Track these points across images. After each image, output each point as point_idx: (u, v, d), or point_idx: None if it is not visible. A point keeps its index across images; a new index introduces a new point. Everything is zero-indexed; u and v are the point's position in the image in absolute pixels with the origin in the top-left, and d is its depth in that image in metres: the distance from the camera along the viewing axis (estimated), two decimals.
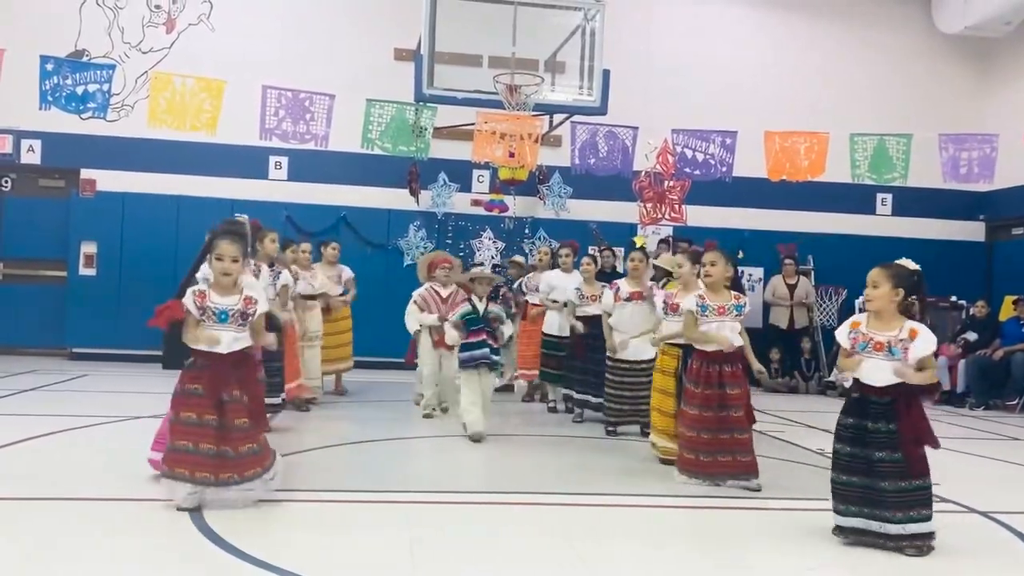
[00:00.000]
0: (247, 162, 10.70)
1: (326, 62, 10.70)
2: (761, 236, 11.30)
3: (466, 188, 11.16)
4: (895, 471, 3.72)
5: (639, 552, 3.75)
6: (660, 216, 9.46)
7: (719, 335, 4.85)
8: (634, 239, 7.19)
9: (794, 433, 7.14)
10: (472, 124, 8.61)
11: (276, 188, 10.83)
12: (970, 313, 10.69)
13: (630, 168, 9.28)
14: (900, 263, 3.94)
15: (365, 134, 8.69)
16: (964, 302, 11.19)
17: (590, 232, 10.68)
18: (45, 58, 8.13)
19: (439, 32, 8.68)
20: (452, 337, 6.27)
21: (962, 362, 9.90)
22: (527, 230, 11.18)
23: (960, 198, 11.90)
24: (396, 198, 10.86)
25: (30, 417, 6.31)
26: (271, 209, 9.98)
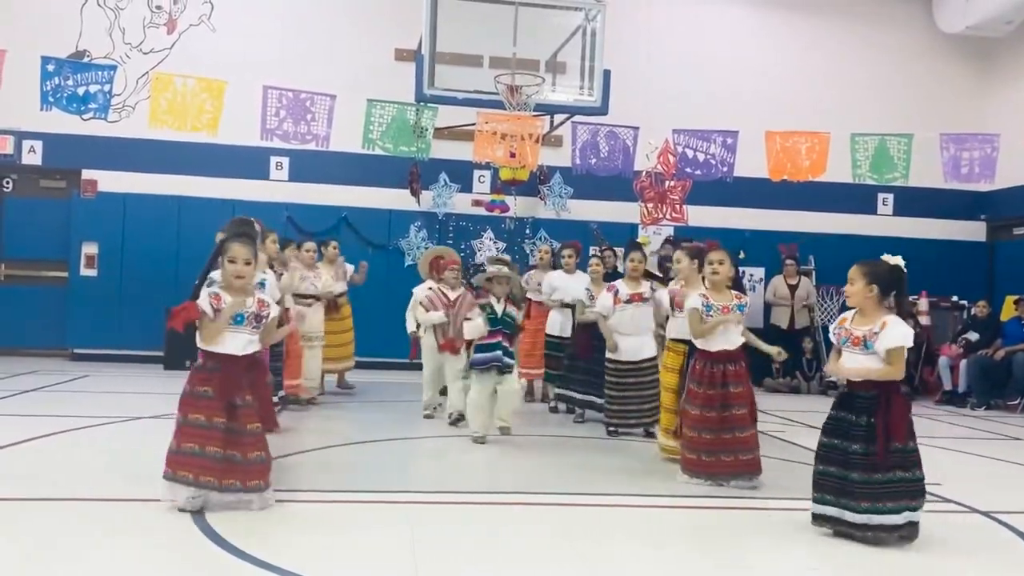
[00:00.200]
0: (248, 163, 10.70)
1: (327, 62, 10.70)
2: (762, 236, 11.29)
3: (467, 188, 11.15)
4: (866, 464, 3.81)
5: (639, 552, 3.76)
6: (661, 216, 9.45)
7: (727, 317, 4.87)
8: (637, 239, 7.20)
9: (795, 433, 7.13)
10: (473, 124, 8.61)
11: (277, 189, 10.83)
12: (971, 313, 10.68)
13: (631, 168, 9.27)
14: (880, 260, 4.04)
15: (366, 134, 8.68)
16: (965, 302, 11.20)
17: (591, 232, 10.69)
18: (46, 59, 8.12)
19: (440, 32, 8.67)
20: (476, 328, 5.96)
21: (963, 362, 9.89)
22: (528, 230, 11.18)
23: (961, 198, 11.89)
24: (397, 198, 10.86)
25: (31, 418, 6.31)
26: (272, 210, 9.99)
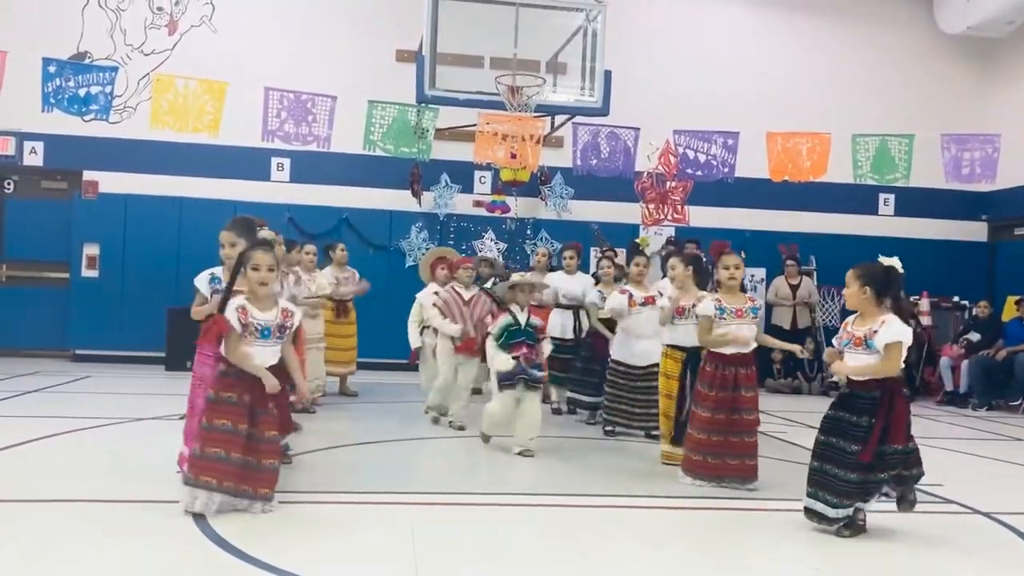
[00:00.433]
0: (249, 164, 10.70)
1: (328, 64, 10.71)
2: (763, 237, 11.28)
3: (468, 189, 11.15)
4: (855, 463, 3.88)
5: (640, 552, 3.76)
6: (662, 217, 9.44)
7: (738, 333, 4.85)
8: (636, 240, 7.19)
9: (796, 434, 7.13)
10: (474, 125, 8.61)
11: (278, 190, 10.84)
12: (973, 314, 10.68)
13: (632, 169, 9.26)
14: (875, 262, 4.08)
15: (367, 135, 8.68)
16: (967, 302, 11.20)
17: (592, 233, 10.70)
18: (47, 60, 8.12)
19: (441, 33, 8.68)
20: (503, 362, 5.63)
21: (965, 363, 9.88)
22: (529, 231, 11.18)
23: (962, 198, 11.88)
24: (398, 199, 10.87)
25: (33, 419, 6.32)
26: (273, 211, 9.95)
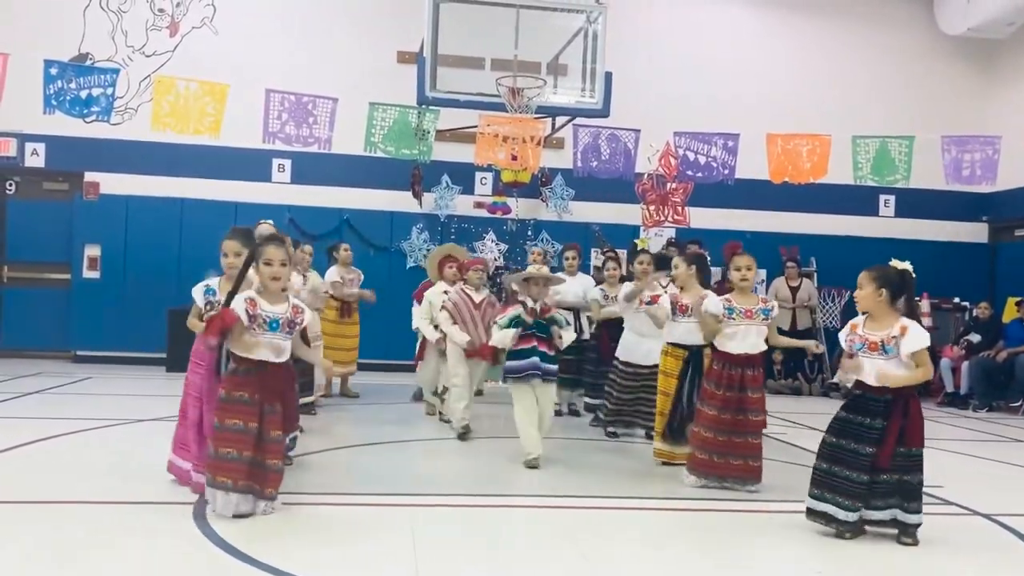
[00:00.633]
0: (250, 165, 10.72)
1: (329, 65, 10.73)
2: (763, 238, 11.27)
3: (469, 190, 11.16)
4: (870, 465, 3.87)
5: (640, 552, 3.76)
6: (663, 218, 9.45)
7: (710, 324, 4.88)
8: (636, 240, 7.18)
9: (797, 434, 7.14)
10: (475, 127, 8.62)
11: (279, 191, 10.85)
12: (973, 315, 10.67)
13: (632, 170, 9.27)
14: (888, 264, 4.04)
15: (368, 137, 8.69)
16: (967, 304, 11.18)
17: (592, 234, 10.70)
18: (49, 62, 8.12)
19: (442, 35, 8.68)
20: (504, 338, 5.49)
21: (965, 364, 9.88)
22: (530, 232, 11.19)
23: (963, 200, 11.88)
24: (399, 200, 10.88)
25: (34, 420, 6.32)
26: (274, 212, 9.92)
